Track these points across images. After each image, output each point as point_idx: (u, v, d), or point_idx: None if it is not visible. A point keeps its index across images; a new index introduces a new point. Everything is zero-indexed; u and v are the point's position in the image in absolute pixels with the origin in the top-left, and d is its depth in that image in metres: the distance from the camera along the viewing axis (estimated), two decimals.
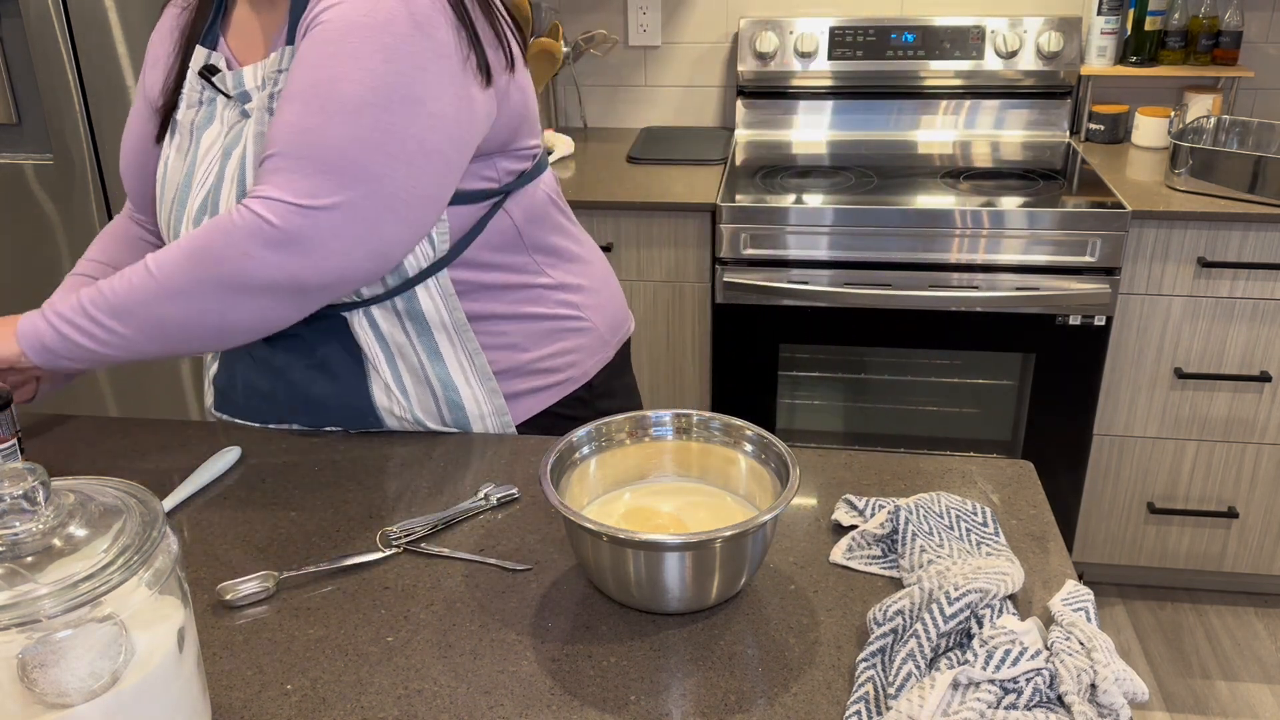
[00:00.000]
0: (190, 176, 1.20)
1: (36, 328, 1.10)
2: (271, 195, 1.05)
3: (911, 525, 1.00)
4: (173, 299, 1.07)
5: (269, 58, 1.16)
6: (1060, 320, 2.21)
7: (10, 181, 2.05)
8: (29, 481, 0.69)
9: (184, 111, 1.22)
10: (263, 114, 1.15)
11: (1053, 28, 2.55)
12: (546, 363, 1.29)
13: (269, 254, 1.05)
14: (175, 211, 1.21)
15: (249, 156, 1.14)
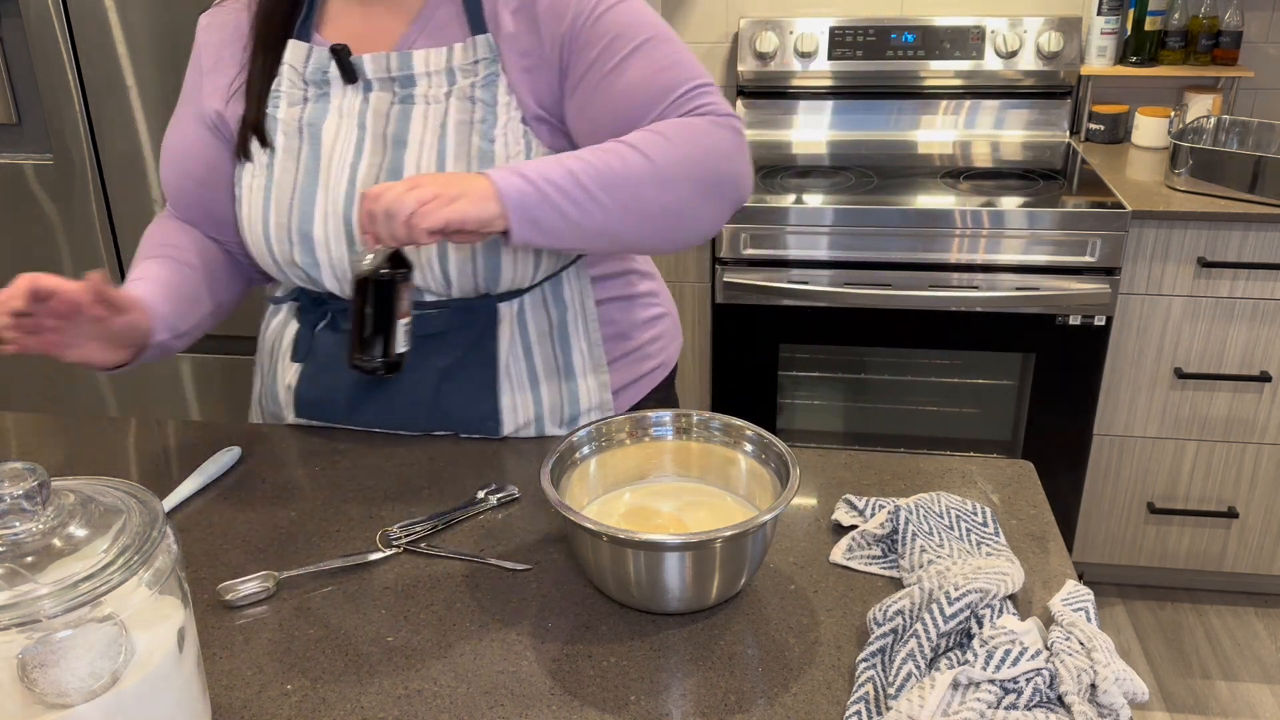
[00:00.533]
0: (315, 173, 1.15)
1: (520, 189, 1.02)
2: (727, 112, 1.11)
3: (911, 525, 1.00)
4: (664, 186, 1.07)
5: (455, 47, 1.13)
6: (1060, 320, 2.21)
7: (10, 181, 2.05)
8: (29, 481, 0.69)
9: (285, 110, 1.17)
10: (465, 103, 1.13)
11: (1053, 28, 2.55)
12: (644, 349, 1.31)
13: (744, 165, 1.12)
14: (299, 211, 1.15)
15: (450, 145, 1.12)
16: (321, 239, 1.15)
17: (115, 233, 2.05)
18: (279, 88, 1.17)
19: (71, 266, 2.09)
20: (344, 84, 1.16)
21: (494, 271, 1.15)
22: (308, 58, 1.17)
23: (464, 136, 1.12)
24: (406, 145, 1.13)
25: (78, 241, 2.08)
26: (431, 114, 1.14)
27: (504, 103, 1.14)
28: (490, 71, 1.13)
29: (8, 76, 1.99)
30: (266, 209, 1.17)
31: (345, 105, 1.16)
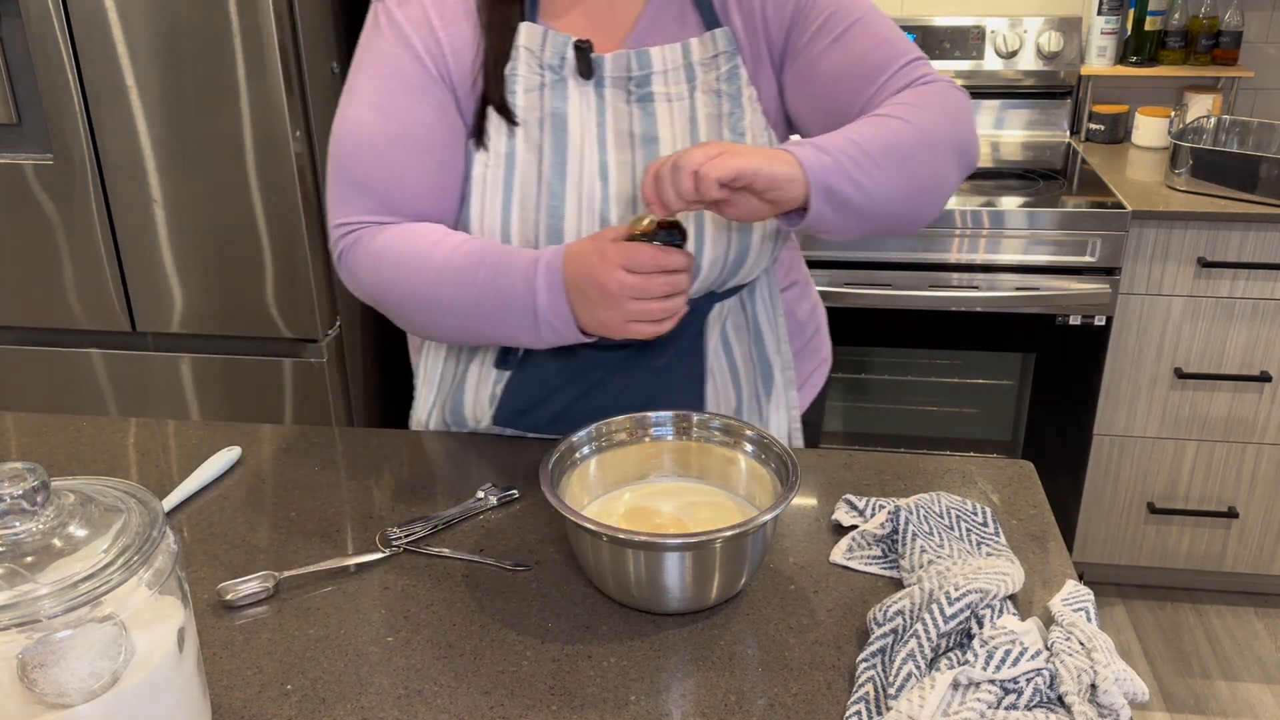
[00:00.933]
0: (562, 167, 1.11)
1: (817, 158, 0.99)
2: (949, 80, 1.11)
3: (912, 525, 1.00)
4: (930, 149, 1.05)
5: (692, 43, 1.12)
6: (1060, 320, 2.21)
7: (10, 181, 2.05)
8: (29, 481, 0.69)
9: (522, 96, 1.11)
10: (711, 97, 1.12)
11: (1053, 28, 2.54)
12: (813, 343, 1.32)
13: (974, 127, 1.12)
14: (548, 206, 1.10)
15: (702, 139, 1.11)
16: (574, 233, 1.11)
17: (115, 233, 2.05)
18: (514, 70, 1.11)
19: (71, 266, 2.09)
20: (579, 76, 1.12)
21: (739, 264, 1.14)
22: (543, 41, 1.11)
23: (715, 130, 1.12)
24: (658, 141, 1.11)
25: (78, 241, 2.08)
26: (677, 110, 1.12)
27: (747, 95, 1.14)
28: (732, 65, 1.13)
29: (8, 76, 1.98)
30: (508, 202, 1.11)
31: (583, 98, 1.12)
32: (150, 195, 2.01)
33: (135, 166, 1.99)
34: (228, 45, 1.88)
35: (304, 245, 2.01)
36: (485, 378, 1.21)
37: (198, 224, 2.02)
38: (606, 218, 1.11)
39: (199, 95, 1.92)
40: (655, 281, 1.00)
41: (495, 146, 1.11)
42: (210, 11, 1.86)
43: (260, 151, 1.94)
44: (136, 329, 2.14)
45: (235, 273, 2.05)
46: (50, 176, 2.03)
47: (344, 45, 2.10)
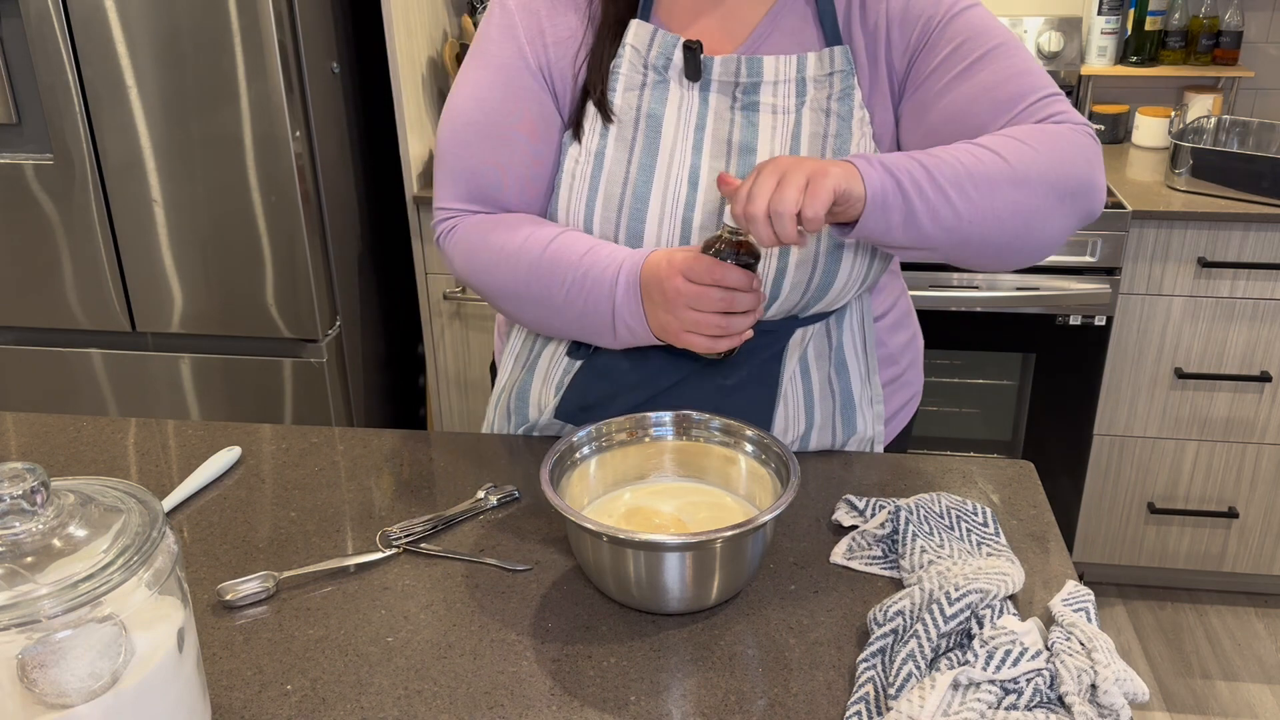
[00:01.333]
0: (650, 169, 1.09)
1: (880, 178, 0.97)
2: (1082, 121, 1.06)
3: (912, 526, 1.00)
4: (1019, 186, 1.00)
5: (809, 57, 1.09)
6: (1060, 320, 2.21)
7: (10, 181, 2.05)
8: (29, 481, 0.69)
9: (621, 95, 1.10)
10: (819, 115, 1.09)
11: (1053, 28, 2.54)
12: (905, 376, 1.25)
13: (1099, 174, 1.05)
14: (631, 207, 1.09)
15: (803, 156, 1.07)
16: (653, 240, 1.09)
17: (115, 233, 2.05)
18: (618, 68, 1.10)
19: (71, 266, 2.09)
20: (685, 78, 1.10)
21: (822, 292, 1.10)
22: (651, 40, 1.10)
23: (816, 150, 1.08)
24: (756, 154, 1.08)
25: (78, 241, 2.08)
26: (781, 124, 1.09)
27: (859, 118, 1.09)
28: (846, 85, 1.09)
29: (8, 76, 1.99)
30: (592, 199, 1.10)
31: (685, 100, 1.10)
32: (150, 195, 2.01)
33: (135, 166, 1.99)
34: (228, 45, 1.88)
35: (304, 245, 2.01)
36: (556, 366, 1.19)
37: (198, 224, 2.02)
38: (689, 223, 1.09)
39: (199, 95, 1.92)
40: (711, 294, 1.00)
41: (588, 143, 1.11)
42: (210, 11, 1.86)
43: (260, 151, 1.94)
44: (136, 329, 2.14)
45: (235, 273, 2.05)
46: (50, 176, 2.03)
47: (344, 45, 2.11)
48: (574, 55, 1.12)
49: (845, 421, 1.19)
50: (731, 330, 1.02)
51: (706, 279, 0.99)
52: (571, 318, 1.10)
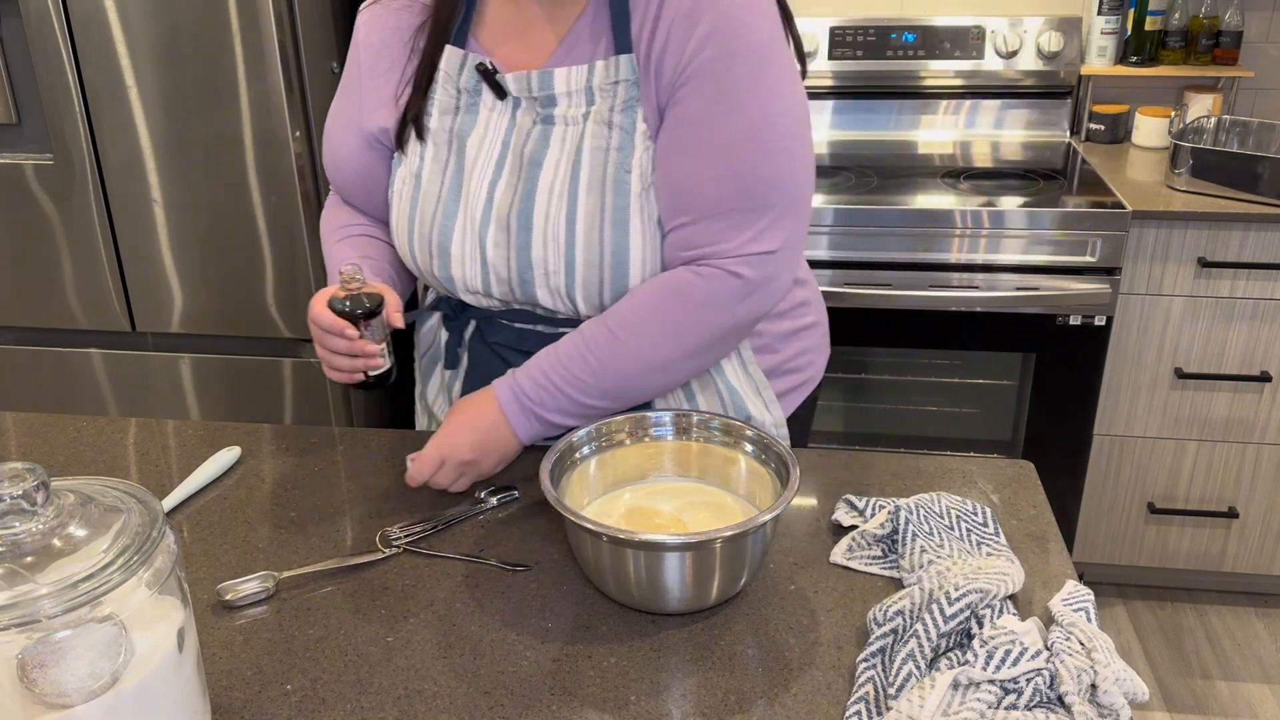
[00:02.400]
0: (458, 188, 1.14)
1: (533, 429, 1.11)
2: (741, 252, 1.06)
3: (912, 525, 1.00)
4: (657, 373, 1.10)
5: (597, 65, 1.09)
6: (1060, 320, 2.21)
7: (10, 181, 2.05)
8: (29, 481, 0.69)
9: (437, 118, 1.15)
10: (601, 128, 1.09)
11: (1053, 28, 2.54)
12: (792, 363, 1.28)
13: (743, 307, 1.09)
14: (440, 225, 1.14)
15: (584, 171, 1.08)
16: (458, 256, 1.14)
17: (115, 233, 2.05)
18: (434, 93, 1.15)
19: (71, 266, 2.09)
20: (494, 98, 1.13)
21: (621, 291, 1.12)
22: (462, 65, 1.14)
23: (599, 163, 1.09)
24: (542, 168, 1.10)
25: (78, 241, 2.08)
26: (569, 136, 1.10)
27: (641, 130, 1.09)
28: (630, 95, 1.08)
29: (8, 76, 1.98)
30: (411, 219, 1.16)
31: (493, 120, 1.13)
32: (150, 195, 2.01)
33: (135, 166, 1.99)
34: (228, 45, 1.88)
35: (304, 245, 2.01)
36: (446, 379, 1.28)
37: (198, 224, 2.02)
38: (484, 238, 1.13)
39: (199, 95, 1.92)
40: (314, 333, 1.11)
41: (411, 164, 1.17)
42: (210, 11, 1.86)
43: (260, 151, 1.94)
44: (136, 329, 2.14)
45: (235, 273, 2.05)
46: (50, 176, 2.03)
47: (344, 45, 2.10)
48: (398, 82, 1.18)
49: (737, 410, 1.22)
50: (333, 365, 1.12)
51: (310, 317, 1.11)
52: None
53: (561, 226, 1.09)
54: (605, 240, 1.09)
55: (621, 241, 1.09)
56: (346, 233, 1.26)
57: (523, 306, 1.17)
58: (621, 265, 1.10)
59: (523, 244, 1.11)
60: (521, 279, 1.13)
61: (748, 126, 1.04)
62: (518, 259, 1.12)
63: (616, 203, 1.08)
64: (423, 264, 1.18)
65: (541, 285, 1.12)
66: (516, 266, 1.12)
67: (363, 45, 1.20)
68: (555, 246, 1.10)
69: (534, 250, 1.11)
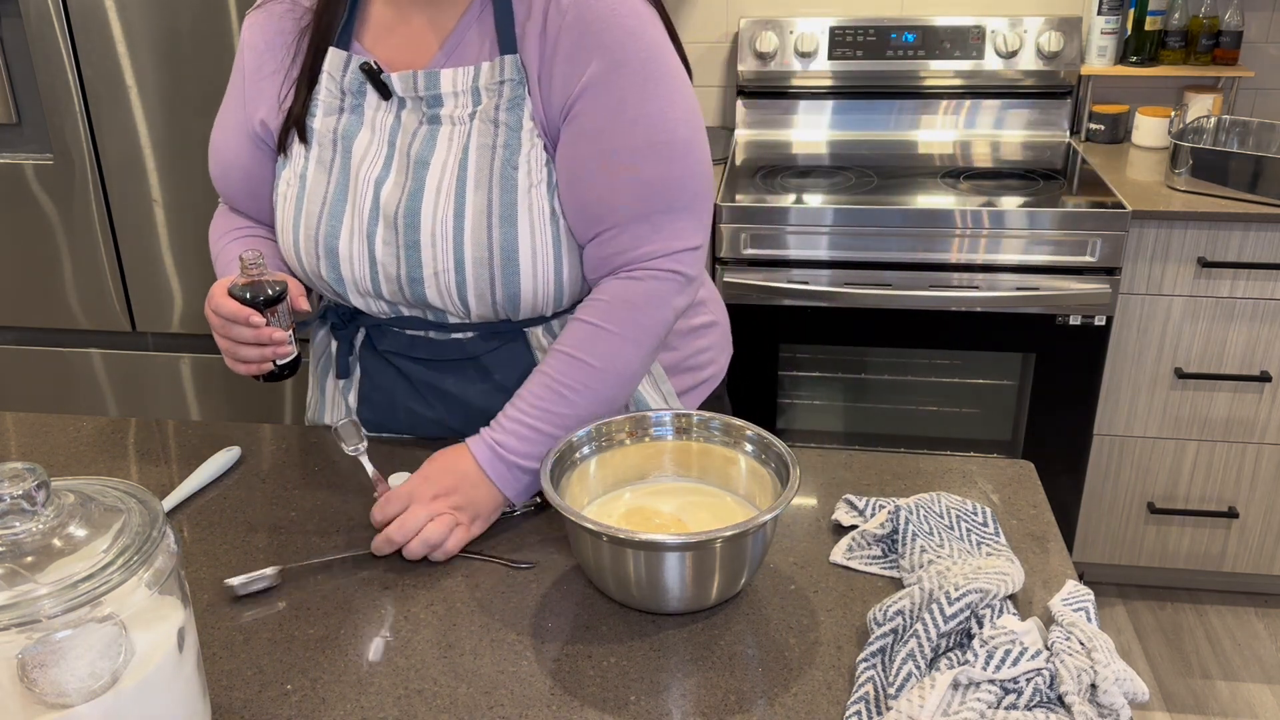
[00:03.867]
0: (345, 188, 1.14)
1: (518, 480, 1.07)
2: (669, 250, 1.10)
3: (912, 525, 1.00)
4: (626, 382, 1.11)
5: (483, 66, 1.10)
6: (1060, 320, 2.21)
7: (10, 181, 2.05)
8: (29, 481, 0.69)
9: (321, 120, 1.15)
10: (488, 126, 1.10)
11: (1053, 28, 2.54)
12: (691, 360, 1.29)
13: (681, 299, 1.12)
14: (327, 225, 1.14)
15: (471, 168, 1.09)
16: (346, 255, 1.14)
17: (115, 233, 2.05)
18: (317, 95, 1.15)
19: (71, 266, 2.09)
20: (379, 99, 1.13)
21: (512, 303, 1.13)
22: (345, 66, 1.14)
23: (485, 161, 1.10)
24: (429, 167, 1.11)
25: (78, 241, 2.08)
26: (456, 135, 1.11)
27: (528, 129, 1.10)
28: (516, 94, 1.10)
29: (8, 76, 1.99)
30: (297, 219, 1.16)
31: (378, 120, 1.14)
32: (150, 195, 2.01)
33: (135, 166, 1.99)
34: (228, 45, 1.88)
35: None
36: (338, 389, 1.27)
37: (198, 224, 2.02)
38: (373, 238, 1.12)
39: (199, 95, 1.92)
40: (211, 318, 1.10)
41: (295, 166, 1.17)
42: (210, 11, 1.86)
43: None
44: (136, 329, 2.14)
45: None
46: (50, 176, 2.03)
47: None
48: (280, 85, 1.17)
49: (636, 402, 1.22)
50: (238, 356, 1.10)
51: (211, 306, 1.09)
52: None
53: (450, 224, 1.10)
54: (494, 238, 1.09)
55: (510, 237, 1.10)
56: (236, 235, 1.25)
57: (413, 312, 1.17)
58: (511, 262, 1.10)
59: (410, 242, 1.11)
60: (410, 277, 1.12)
61: (650, 134, 1.07)
62: (406, 257, 1.12)
63: (504, 199, 1.09)
64: (309, 266, 1.16)
65: (431, 285, 1.12)
66: (406, 265, 1.12)
67: (247, 49, 1.20)
68: (443, 245, 1.10)
69: (423, 250, 1.11)
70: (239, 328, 1.08)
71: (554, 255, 1.12)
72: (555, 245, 1.12)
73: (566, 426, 1.07)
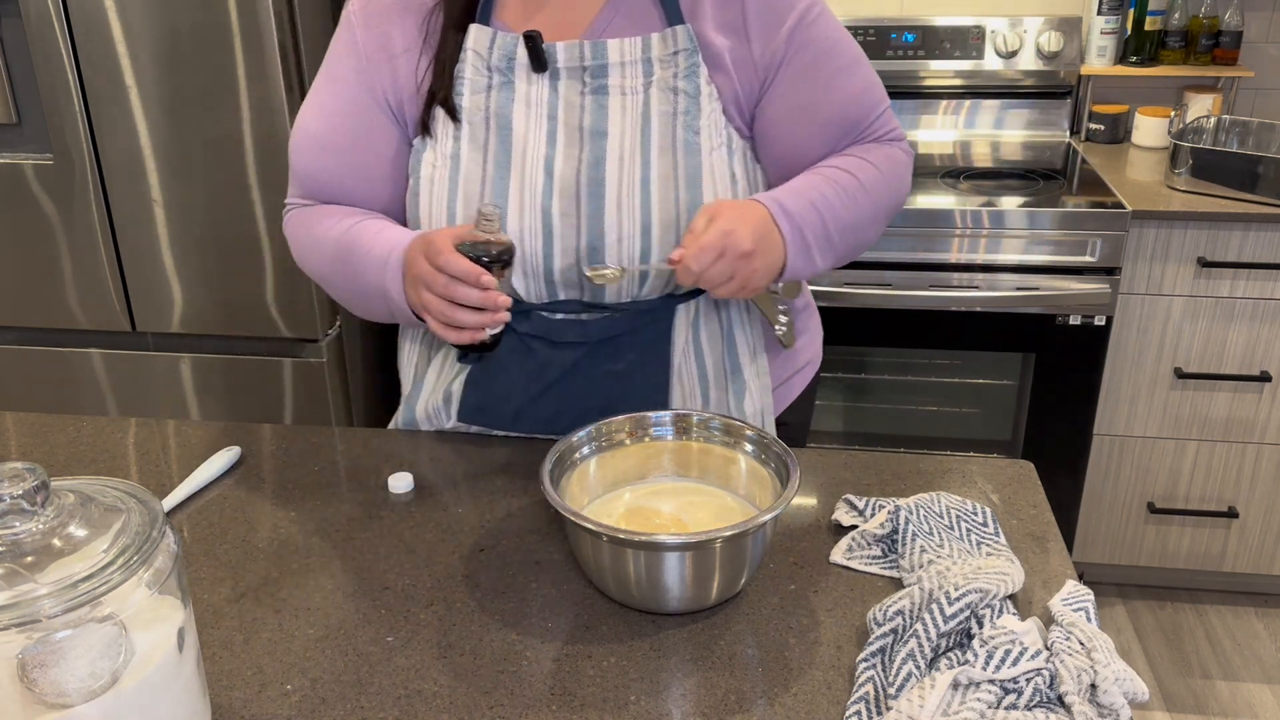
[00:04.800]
0: (506, 164, 1.12)
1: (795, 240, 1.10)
2: (903, 136, 1.22)
3: (912, 525, 1.00)
4: (876, 225, 1.18)
5: (652, 38, 1.12)
6: (1060, 320, 2.21)
7: (10, 181, 2.05)
8: (29, 481, 0.69)
9: (469, 98, 1.13)
10: (666, 94, 1.12)
11: (1053, 28, 2.54)
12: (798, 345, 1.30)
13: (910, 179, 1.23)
14: (490, 200, 1.12)
15: (654, 135, 1.11)
16: (516, 232, 1.12)
17: (115, 233, 2.05)
18: (461, 73, 1.13)
19: (71, 266, 2.09)
20: (532, 72, 1.12)
21: None
22: (492, 42, 1.13)
23: (667, 127, 1.12)
24: (607, 136, 1.11)
25: (78, 241, 2.08)
26: (630, 105, 1.12)
27: (706, 93, 1.13)
28: (691, 63, 1.12)
29: (8, 76, 1.98)
30: (453, 200, 1.13)
31: (533, 94, 1.13)
32: (150, 195, 2.01)
33: (135, 166, 1.99)
34: (228, 45, 1.88)
35: None
36: (447, 372, 1.24)
37: (198, 224, 2.02)
38: (549, 211, 1.12)
39: (199, 95, 1.92)
40: (436, 278, 1.01)
41: (442, 148, 1.15)
42: (210, 11, 1.86)
43: (260, 152, 1.94)
44: (136, 329, 2.14)
45: (235, 273, 2.05)
46: (50, 176, 2.03)
47: None
48: (415, 65, 1.16)
49: (735, 396, 1.23)
50: (455, 320, 1.02)
51: (436, 261, 1.01)
52: (357, 294, 1.15)
53: (636, 190, 1.11)
54: (680, 200, 1.11)
55: (697, 200, 1.12)
56: (359, 216, 1.17)
57: (569, 294, 1.15)
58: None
59: (594, 211, 1.11)
60: (591, 246, 1.11)
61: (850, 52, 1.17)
62: (589, 227, 1.11)
63: (688, 163, 1.12)
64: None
65: (613, 252, 1.11)
66: (587, 236, 1.11)
67: (361, 27, 1.17)
68: (630, 211, 1.11)
69: (607, 216, 1.11)
70: (464, 288, 1.00)
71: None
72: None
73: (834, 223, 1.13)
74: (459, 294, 1.00)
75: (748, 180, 1.19)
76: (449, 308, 1.01)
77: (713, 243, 1.02)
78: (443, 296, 1.01)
